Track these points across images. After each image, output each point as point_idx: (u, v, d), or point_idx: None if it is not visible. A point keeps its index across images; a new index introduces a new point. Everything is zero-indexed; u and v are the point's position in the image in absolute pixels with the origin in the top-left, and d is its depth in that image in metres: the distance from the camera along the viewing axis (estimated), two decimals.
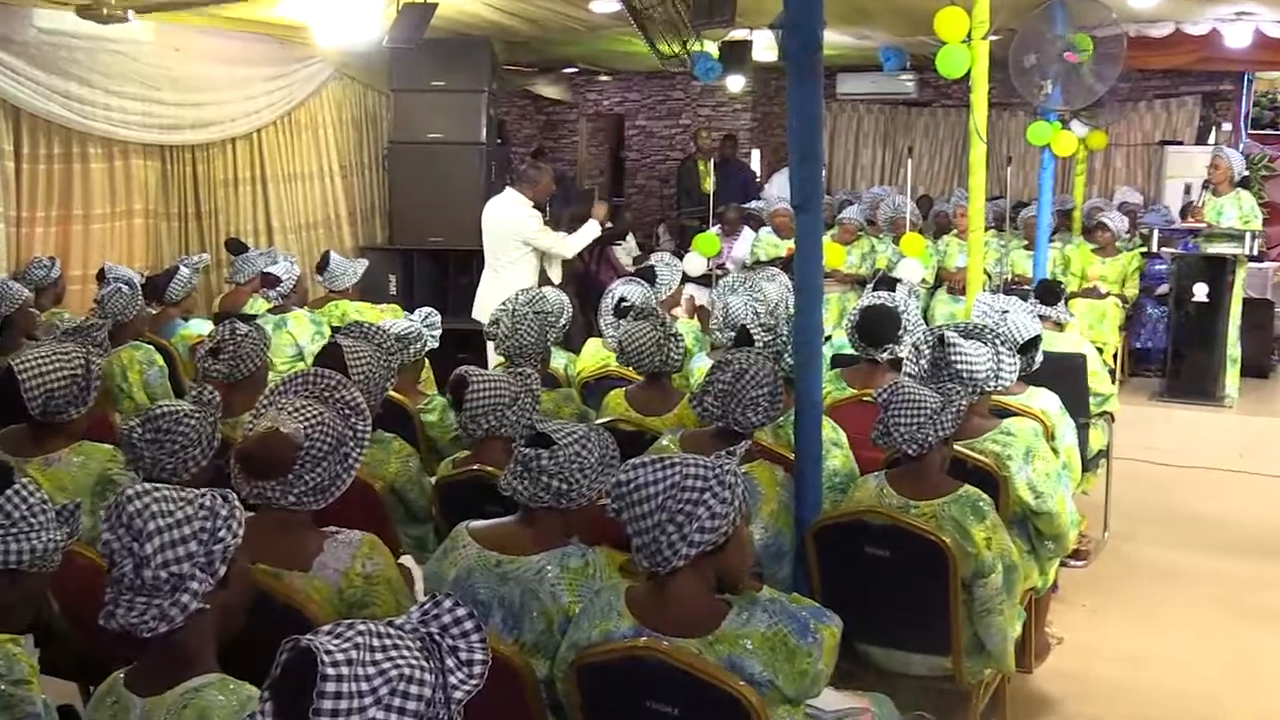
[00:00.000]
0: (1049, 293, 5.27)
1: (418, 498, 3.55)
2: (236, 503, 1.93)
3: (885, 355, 4.20)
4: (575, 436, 2.53)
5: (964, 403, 3.08)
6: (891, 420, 3.05)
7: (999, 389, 3.61)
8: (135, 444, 2.94)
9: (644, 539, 2.10)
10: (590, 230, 6.84)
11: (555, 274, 6.81)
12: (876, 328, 4.20)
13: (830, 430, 3.56)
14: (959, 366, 3.54)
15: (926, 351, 3.63)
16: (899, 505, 3.07)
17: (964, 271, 6.16)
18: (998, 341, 3.62)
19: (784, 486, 3.13)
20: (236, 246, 6.64)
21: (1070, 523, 3.57)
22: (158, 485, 1.88)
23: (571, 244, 6.74)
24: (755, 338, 3.87)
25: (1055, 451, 3.84)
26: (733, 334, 4.63)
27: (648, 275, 5.69)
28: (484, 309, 6.62)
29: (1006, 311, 4.13)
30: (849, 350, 4.50)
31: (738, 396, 3.15)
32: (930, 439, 3.03)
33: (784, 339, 3.87)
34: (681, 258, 8.20)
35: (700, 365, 4.82)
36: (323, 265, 6.32)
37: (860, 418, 3.91)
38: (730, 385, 3.16)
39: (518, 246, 6.62)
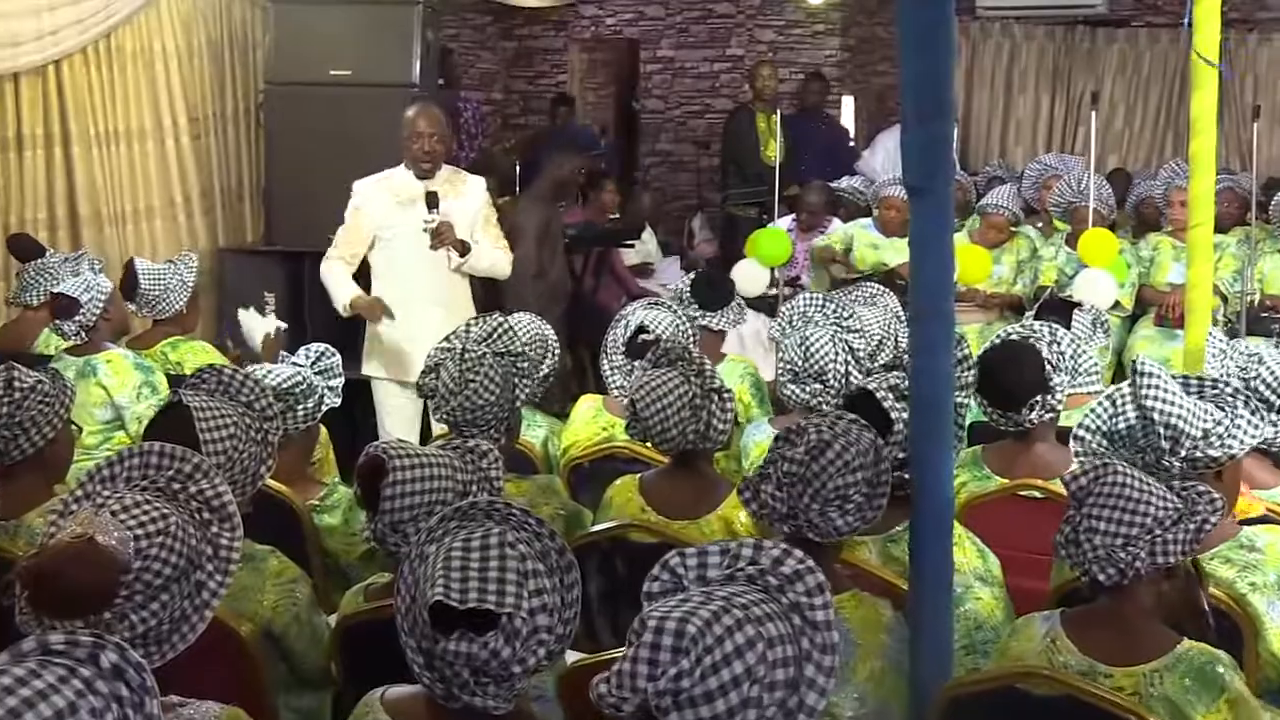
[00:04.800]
0: None
1: (307, 648, 3.55)
2: (120, 659, 1.93)
3: (1034, 416, 4.22)
4: (515, 576, 2.45)
5: (1215, 518, 3.04)
6: (1086, 523, 3.03)
7: (1224, 457, 3.60)
8: None
9: None
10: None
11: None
12: (1006, 375, 4.22)
13: (973, 552, 3.57)
14: (1150, 406, 3.53)
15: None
16: (1080, 668, 3.05)
17: (1182, 291, 6.14)
18: (1238, 401, 3.62)
19: (892, 634, 3.12)
20: (25, 248, 6.66)
21: None
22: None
23: (325, 266, 6.54)
24: (879, 396, 3.72)
25: None
26: (819, 386, 4.64)
27: (714, 296, 5.79)
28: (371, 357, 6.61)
29: (1258, 357, 4.13)
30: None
31: (813, 484, 3.16)
32: (1140, 563, 3.01)
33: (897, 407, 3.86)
34: (728, 265, 8.28)
35: (760, 439, 4.83)
36: (129, 283, 6.24)
37: (1014, 524, 3.90)
38: (802, 467, 3.18)
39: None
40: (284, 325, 6.01)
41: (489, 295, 7.41)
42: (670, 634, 2.07)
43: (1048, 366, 4.25)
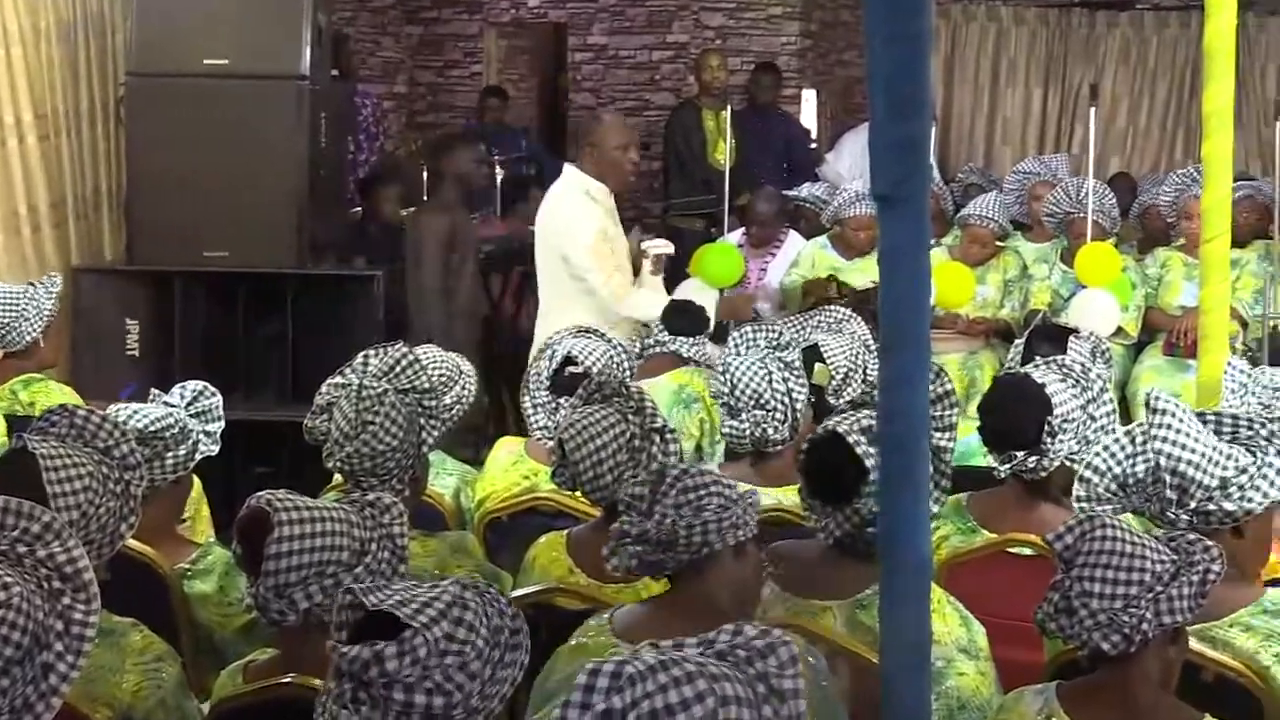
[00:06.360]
0: None
1: None
2: None
3: (1030, 465, 4.25)
4: (441, 607, 2.55)
5: (1216, 568, 3.10)
6: (1079, 586, 3.06)
7: (1239, 512, 3.61)
8: None
9: None
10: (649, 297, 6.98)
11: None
12: (1005, 416, 4.26)
13: (955, 619, 3.59)
14: (1161, 450, 3.56)
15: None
16: None
17: (1195, 315, 6.20)
18: (1271, 446, 3.64)
19: (818, 675, 3.13)
20: None
21: None
22: None
23: (634, 300, 6.83)
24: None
25: None
26: (762, 413, 4.67)
27: (687, 324, 5.93)
28: None
29: None
30: (982, 460, 4.54)
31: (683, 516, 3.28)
32: (1146, 627, 3.04)
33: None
34: (670, 285, 8.28)
35: None
36: None
37: (1003, 586, 3.92)
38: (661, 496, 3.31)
39: (565, 274, 6.82)
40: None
41: (389, 318, 7.41)
42: (607, 675, 2.11)
43: (1049, 424, 4.23)
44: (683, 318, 6.30)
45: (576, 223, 6.74)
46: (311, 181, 7.67)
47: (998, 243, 8.56)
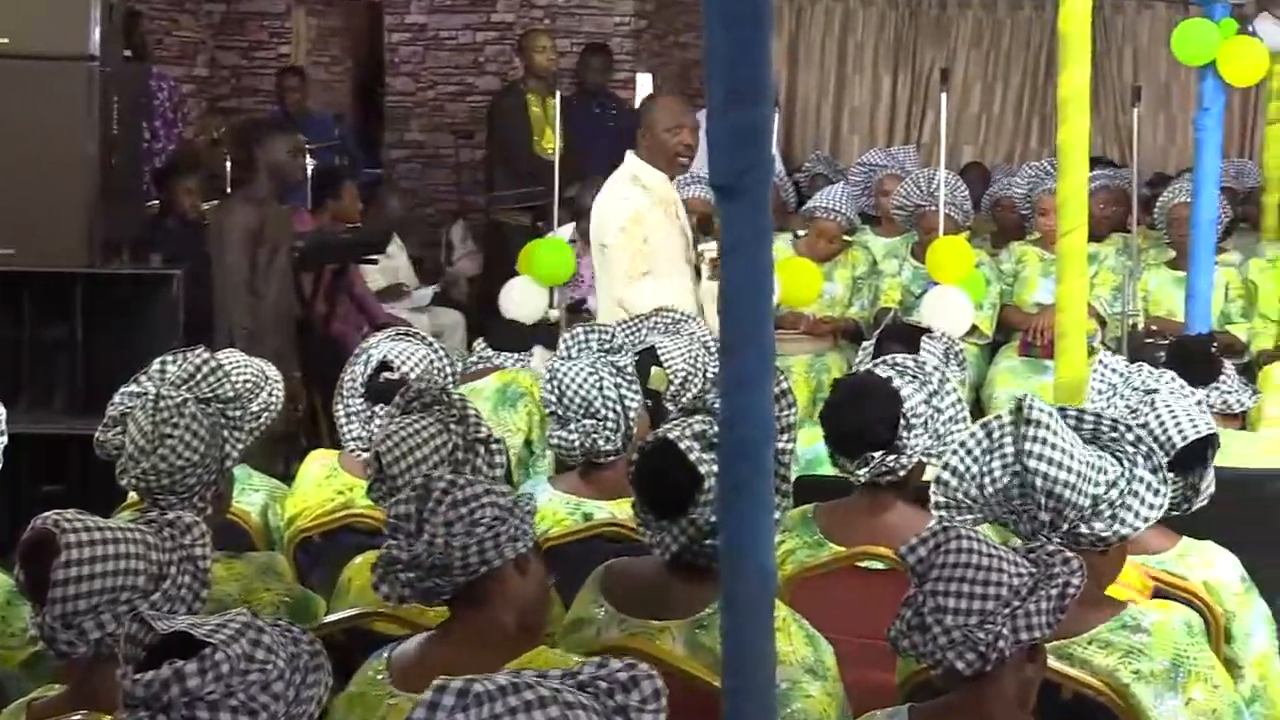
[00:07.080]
0: (1196, 359, 5.42)
1: None
2: None
3: (866, 471, 4.28)
4: (237, 627, 2.55)
5: (1076, 581, 3.13)
6: (932, 601, 3.09)
7: (1113, 537, 3.65)
8: None
9: None
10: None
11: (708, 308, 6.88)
12: (853, 416, 4.30)
13: (801, 638, 3.60)
14: (1033, 467, 3.59)
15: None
16: None
17: (1052, 313, 6.30)
18: (1139, 454, 3.68)
19: None
20: None
21: None
22: None
23: (635, 292, 6.65)
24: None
25: (1235, 666, 3.95)
26: (592, 422, 4.67)
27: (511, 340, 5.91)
28: None
29: (1155, 394, 4.24)
30: (829, 469, 4.57)
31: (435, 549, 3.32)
32: (1003, 645, 3.07)
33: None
34: (496, 284, 8.26)
35: (538, 502, 4.83)
36: None
37: (852, 602, 3.95)
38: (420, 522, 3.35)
39: (602, 268, 6.87)
40: None
41: (189, 320, 7.33)
42: (453, 693, 2.16)
43: (903, 420, 4.28)
44: (506, 333, 6.31)
45: (611, 208, 6.79)
46: (102, 172, 7.54)
47: (845, 237, 8.62)
